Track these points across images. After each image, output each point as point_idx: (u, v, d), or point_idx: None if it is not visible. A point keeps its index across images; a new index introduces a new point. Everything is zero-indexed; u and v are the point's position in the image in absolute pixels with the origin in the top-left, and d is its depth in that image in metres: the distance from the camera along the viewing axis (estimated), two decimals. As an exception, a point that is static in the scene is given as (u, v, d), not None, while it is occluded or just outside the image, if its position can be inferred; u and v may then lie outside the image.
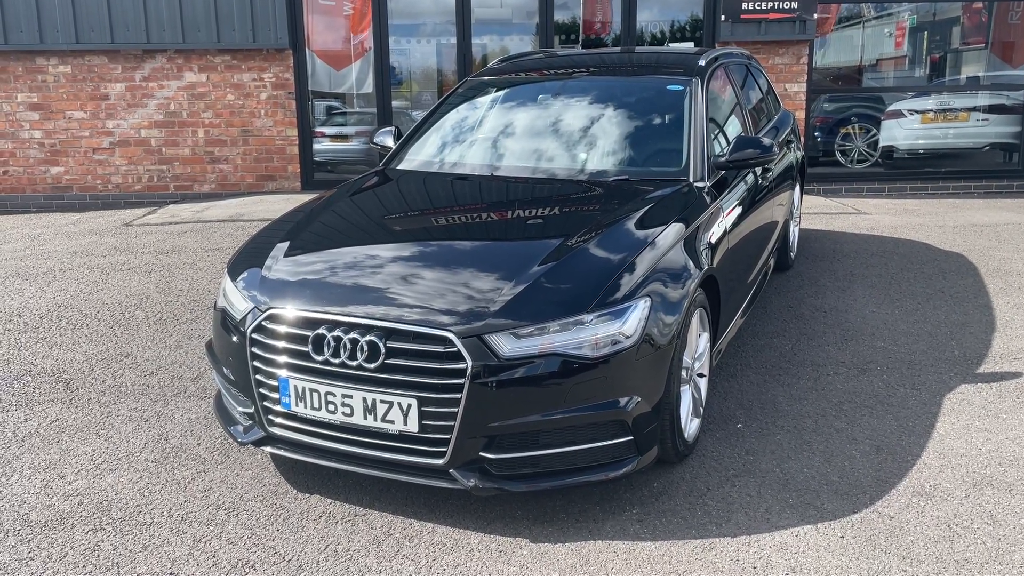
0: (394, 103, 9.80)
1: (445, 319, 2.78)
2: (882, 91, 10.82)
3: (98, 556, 2.75)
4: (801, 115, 9.33)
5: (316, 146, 9.72)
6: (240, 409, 3.18)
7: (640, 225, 3.36)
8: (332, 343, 2.82)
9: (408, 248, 3.33)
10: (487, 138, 4.47)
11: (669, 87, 4.40)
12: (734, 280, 3.96)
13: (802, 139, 7.38)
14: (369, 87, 9.63)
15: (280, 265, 3.23)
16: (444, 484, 2.80)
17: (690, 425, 3.32)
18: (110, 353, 4.57)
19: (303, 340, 2.88)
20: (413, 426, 2.76)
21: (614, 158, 4.12)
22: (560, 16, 9.86)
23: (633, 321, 2.86)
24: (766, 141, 4.03)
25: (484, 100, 4.75)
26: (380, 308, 2.87)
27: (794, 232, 6.26)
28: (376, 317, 2.84)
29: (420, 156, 4.47)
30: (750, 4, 8.98)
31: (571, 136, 4.27)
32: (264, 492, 3.13)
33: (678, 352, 3.05)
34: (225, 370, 3.21)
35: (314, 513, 2.99)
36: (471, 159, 4.32)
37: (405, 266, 3.11)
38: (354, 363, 2.79)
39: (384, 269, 3.09)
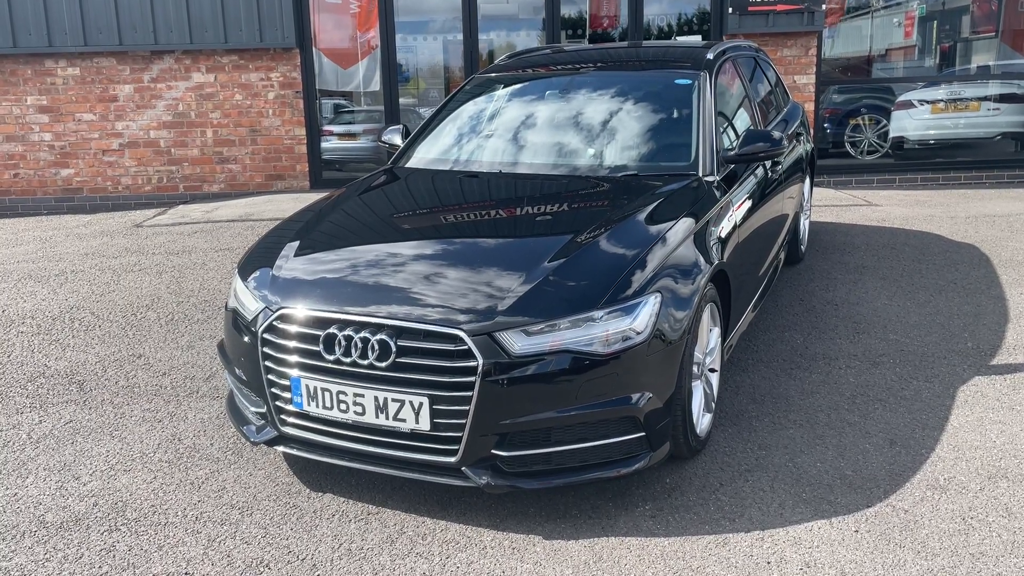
0: (401, 100, 9.80)
1: (455, 317, 2.78)
2: (892, 81, 10.74)
3: (113, 557, 2.77)
4: (810, 107, 9.28)
5: (324, 144, 9.74)
6: (252, 409, 3.19)
7: (650, 220, 3.35)
8: (343, 342, 2.83)
9: (417, 247, 3.34)
10: (495, 135, 4.46)
11: (677, 81, 4.38)
12: (745, 274, 3.95)
13: (811, 131, 7.33)
14: (376, 85, 9.64)
15: (290, 265, 3.24)
16: (456, 482, 2.81)
17: (702, 420, 3.31)
18: (123, 354, 4.59)
19: (314, 340, 2.89)
20: (425, 424, 2.77)
21: (623, 153, 4.11)
22: (566, 11, 9.84)
23: (644, 317, 2.86)
24: (776, 134, 4.01)
25: (491, 97, 4.74)
26: (390, 307, 2.88)
27: (804, 225, 6.23)
28: (386, 316, 2.84)
29: (428, 154, 4.47)
30: (757, -4, 8.93)
31: (579, 132, 4.26)
32: (277, 491, 3.14)
33: (689, 347, 3.04)
34: (237, 370, 3.23)
35: (327, 512, 3.00)
36: (479, 157, 4.32)
37: (415, 265, 3.11)
38: (365, 362, 2.80)
39: (394, 268, 3.10)
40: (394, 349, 2.78)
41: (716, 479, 3.16)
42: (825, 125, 10.18)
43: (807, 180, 6.17)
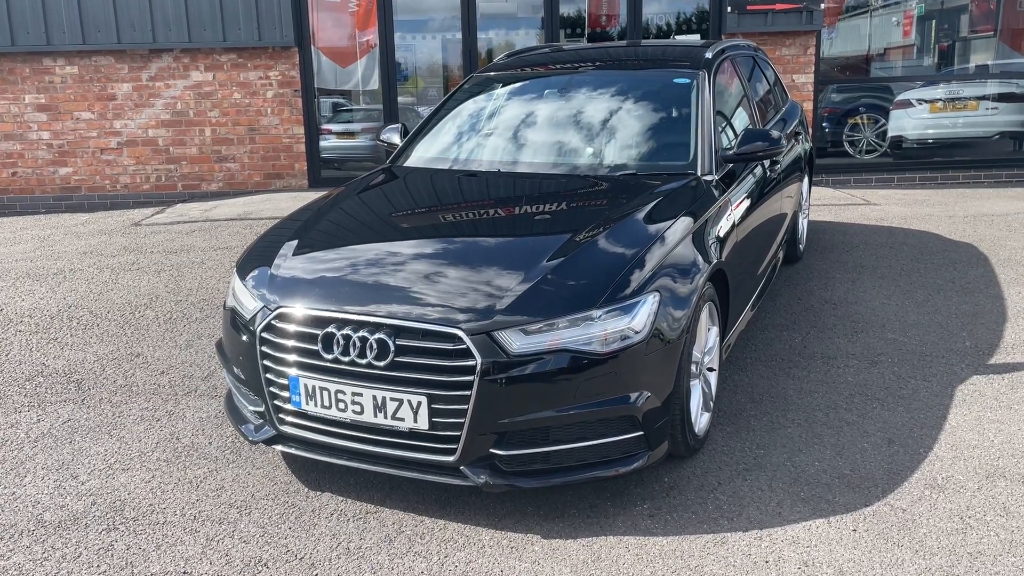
0: (400, 99, 9.80)
1: (454, 316, 2.78)
2: (890, 81, 10.75)
3: (112, 556, 2.77)
4: (809, 106, 9.29)
5: (323, 143, 9.74)
6: (251, 408, 3.19)
7: (648, 219, 3.35)
8: (342, 341, 2.83)
9: (416, 246, 3.33)
10: (493, 134, 4.46)
11: (676, 80, 4.38)
12: (743, 273, 3.95)
13: (810, 130, 7.34)
14: (375, 83, 9.63)
15: (289, 264, 3.24)
16: (455, 481, 2.80)
17: (700, 419, 3.31)
18: (121, 353, 4.59)
19: (313, 339, 2.89)
20: (423, 423, 2.77)
21: (621, 152, 4.11)
22: (565, 10, 9.83)
23: (642, 316, 2.86)
24: (774, 134, 4.01)
25: (490, 96, 4.74)
26: (389, 306, 2.88)
27: (803, 224, 6.23)
28: (385, 315, 2.84)
29: (426, 153, 4.47)
30: (756, -5, 8.94)
31: (578, 131, 4.26)
32: (276, 490, 3.14)
33: (687, 346, 3.04)
34: (235, 369, 3.23)
35: (326, 511, 3.00)
36: (477, 156, 4.32)
37: (413, 264, 3.11)
38: (363, 361, 2.80)
39: (392, 267, 3.10)
40: (392, 348, 2.78)
41: (714, 478, 3.16)
42: (824, 124, 10.18)
43: (805, 179, 6.18)
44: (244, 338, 3.10)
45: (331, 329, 2.86)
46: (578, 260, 3.04)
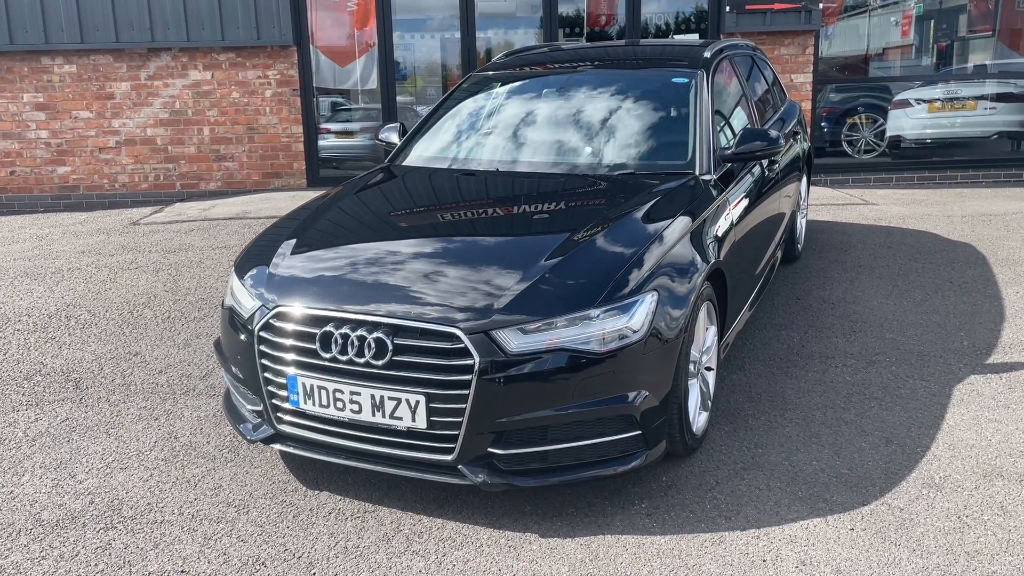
0: (399, 98, 9.80)
1: (452, 315, 2.78)
2: (889, 80, 10.75)
3: (109, 555, 2.77)
4: (807, 106, 9.29)
5: (321, 142, 9.73)
6: (249, 407, 3.19)
7: (647, 219, 3.35)
8: (340, 340, 2.83)
9: (414, 245, 3.34)
10: (492, 133, 4.46)
11: (674, 80, 4.38)
12: (741, 273, 3.95)
13: (808, 130, 7.34)
14: (374, 83, 9.63)
15: (287, 263, 3.24)
16: (453, 480, 2.81)
17: (698, 419, 3.31)
18: (119, 352, 4.59)
19: (311, 338, 2.89)
20: (421, 423, 2.77)
21: (620, 152, 4.11)
22: (564, 9, 9.83)
23: (640, 315, 2.86)
24: (773, 133, 4.02)
25: (488, 95, 4.74)
26: (387, 305, 2.88)
27: (801, 224, 6.23)
28: (383, 314, 2.84)
29: (425, 152, 4.47)
30: (755, -6, 8.94)
31: (576, 130, 4.26)
32: (274, 489, 3.14)
33: (685, 346, 3.05)
34: (234, 368, 3.23)
35: (324, 510, 3.00)
36: (476, 155, 4.32)
37: (411, 263, 3.11)
38: (362, 360, 2.80)
39: (391, 266, 3.10)
40: (391, 347, 2.78)
41: (712, 477, 3.16)
42: (822, 124, 10.18)
43: (804, 179, 6.18)
44: (242, 337, 3.10)
45: (329, 328, 2.86)
46: (576, 259, 3.04)
